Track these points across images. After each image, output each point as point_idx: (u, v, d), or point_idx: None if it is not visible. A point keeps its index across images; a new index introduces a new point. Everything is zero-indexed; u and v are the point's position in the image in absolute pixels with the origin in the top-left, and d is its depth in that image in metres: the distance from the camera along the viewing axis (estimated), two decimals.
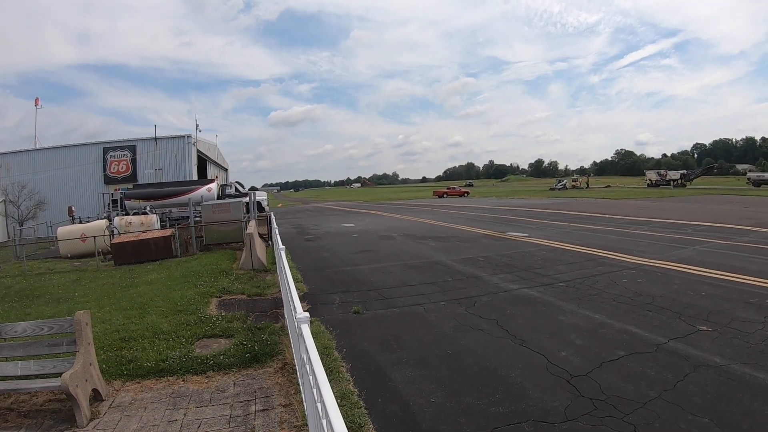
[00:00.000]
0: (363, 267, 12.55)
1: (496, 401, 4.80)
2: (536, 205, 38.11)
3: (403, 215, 32.00)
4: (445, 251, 14.76)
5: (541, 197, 55.85)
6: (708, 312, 7.48)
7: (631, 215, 25.62)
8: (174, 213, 23.79)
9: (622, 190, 71.80)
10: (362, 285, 10.38)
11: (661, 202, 39.43)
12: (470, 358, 6.01)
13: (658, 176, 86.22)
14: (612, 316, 7.48)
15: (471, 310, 8.18)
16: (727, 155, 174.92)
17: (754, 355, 5.71)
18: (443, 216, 29.70)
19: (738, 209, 28.60)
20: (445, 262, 12.74)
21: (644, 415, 4.38)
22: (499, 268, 11.64)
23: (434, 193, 74.59)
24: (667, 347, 6.09)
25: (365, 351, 6.41)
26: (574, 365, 5.64)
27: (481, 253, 14.06)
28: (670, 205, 34.87)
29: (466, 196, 69.44)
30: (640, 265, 11.41)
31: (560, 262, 12.29)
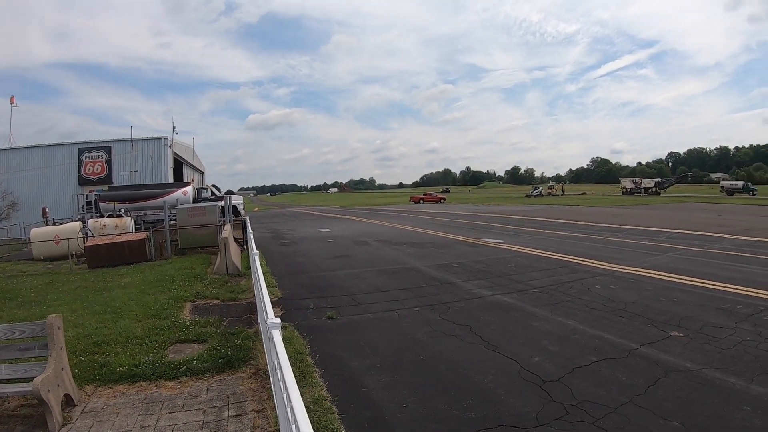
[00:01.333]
0: (338, 272, 12.73)
1: (469, 407, 4.93)
2: (512, 212, 38.94)
3: (379, 221, 32.54)
4: (419, 257, 15.06)
5: (517, 204, 57.12)
6: (679, 318, 7.82)
7: (606, 222, 26.45)
8: (149, 216, 23.98)
9: (598, 197, 73.90)
10: (337, 290, 10.55)
11: (635, 209, 40.72)
12: (443, 364, 6.16)
13: (632, 184, 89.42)
14: (585, 322, 7.75)
15: (445, 316, 8.37)
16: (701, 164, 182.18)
17: (724, 360, 6.00)
18: (419, 222, 30.26)
19: (711, 217, 29.81)
20: (420, 268, 13.00)
21: (615, 420, 4.55)
22: (473, 275, 11.93)
23: (411, 198, 76.12)
24: (638, 353, 6.35)
25: (339, 357, 6.52)
26: (547, 371, 5.83)
27: (455, 260, 14.38)
28: (645, 212, 36.05)
29: (442, 202, 70.97)
30: (613, 272, 11.82)
31: (534, 268, 12.64)
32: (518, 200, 69.93)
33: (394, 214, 41.16)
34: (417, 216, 36.85)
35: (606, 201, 59.22)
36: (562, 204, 54.23)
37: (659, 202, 53.80)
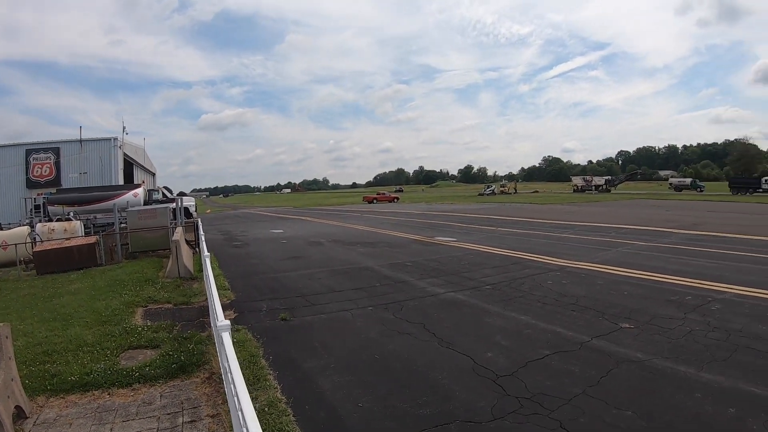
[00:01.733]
0: (291, 273, 12.69)
1: (424, 403, 4.97)
2: (465, 210, 39.59)
3: (333, 221, 32.62)
4: (373, 257, 15.16)
5: (470, 202, 58.06)
6: (630, 310, 8.09)
7: (557, 219, 27.21)
8: (99, 219, 23.62)
9: (549, 195, 75.92)
10: (290, 291, 10.52)
11: (586, 206, 42.00)
12: (397, 362, 6.20)
13: (583, 182, 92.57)
14: (537, 317, 7.92)
15: (398, 314, 8.42)
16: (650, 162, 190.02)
17: (674, 349, 6.24)
18: (372, 221, 30.45)
19: (660, 213, 31.01)
20: (373, 268, 13.09)
21: (569, 411, 4.66)
22: (426, 273, 12.06)
23: (364, 198, 76.53)
24: (590, 345, 6.53)
25: (293, 358, 6.49)
26: (500, 365, 5.92)
27: (409, 258, 14.53)
28: (595, 209, 37.22)
29: (395, 201, 71.63)
30: (564, 267, 12.16)
31: (487, 265, 12.86)
32: (471, 199, 70.98)
33: (348, 214, 41.29)
34: (370, 216, 37.11)
35: (557, 199, 60.86)
36: (515, 202, 55.51)
37: (610, 199, 55.63)
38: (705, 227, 21.14)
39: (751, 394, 4.98)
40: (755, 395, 4.94)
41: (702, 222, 23.78)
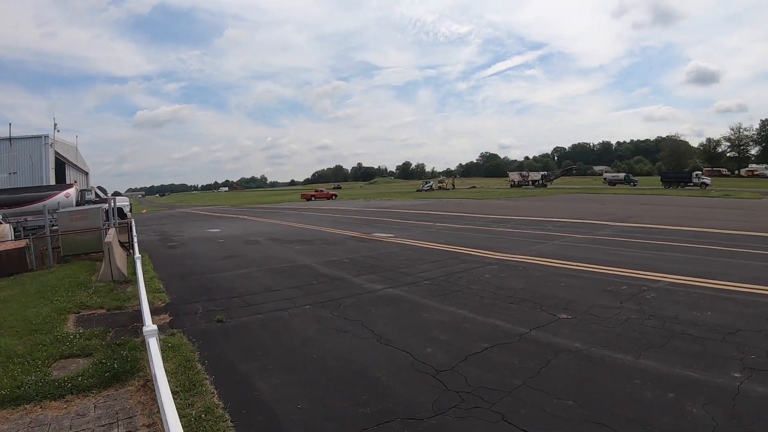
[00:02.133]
0: (227, 273, 12.51)
1: (364, 402, 4.93)
2: (403, 207, 40.00)
3: (270, 219, 32.51)
4: (310, 254, 15.10)
5: (408, 198, 58.64)
6: (567, 301, 8.32)
7: (495, 214, 27.84)
8: (29, 222, 22.53)
9: (487, 190, 77.63)
10: (226, 292, 10.35)
11: (523, 201, 43.21)
12: (336, 361, 6.14)
13: (520, 177, 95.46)
14: (475, 311, 8.02)
15: (336, 312, 8.38)
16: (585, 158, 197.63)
17: (611, 338, 6.44)
18: (310, 219, 30.46)
19: (595, 206, 32.24)
20: (311, 265, 13.02)
21: (511, 403, 4.71)
22: (364, 270, 12.06)
23: (302, 196, 76.46)
24: (529, 336, 6.65)
25: (229, 361, 6.35)
26: (440, 360, 5.94)
27: (346, 255, 14.52)
28: (532, 203, 38.29)
29: (334, 198, 71.81)
30: (502, 261, 12.38)
31: (425, 261, 12.96)
32: (409, 195, 71.68)
33: (286, 211, 41.15)
34: (308, 213, 37.12)
35: (495, 194, 62.21)
36: (453, 197, 56.35)
37: (546, 194, 57.47)
38: (638, 220, 22.08)
39: (688, 378, 5.17)
40: (693, 379, 5.14)
41: (635, 215, 24.86)
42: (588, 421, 4.39)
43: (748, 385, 4.98)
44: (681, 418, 4.38)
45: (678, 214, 24.92)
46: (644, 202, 36.99)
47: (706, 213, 26.09)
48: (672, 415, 4.45)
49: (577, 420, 4.41)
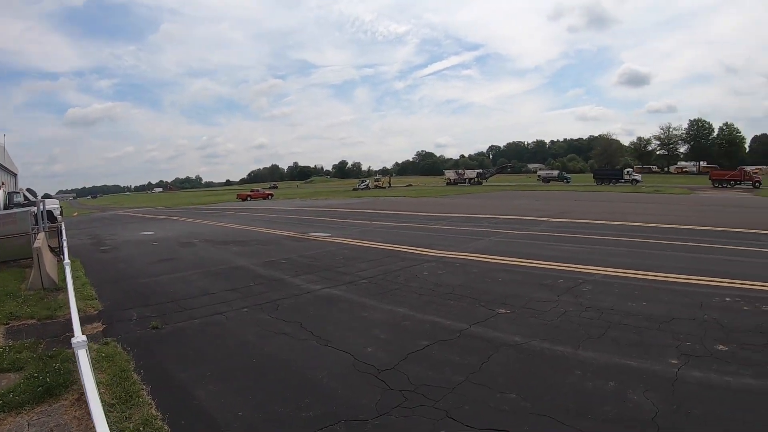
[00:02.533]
0: (162, 277, 12.19)
1: (306, 406, 4.86)
2: (339, 205, 40.10)
3: (206, 220, 32.08)
4: (246, 255, 14.90)
5: (345, 197, 58.97)
6: (505, 296, 8.49)
7: (431, 212, 28.25)
8: None
9: (423, 188, 78.61)
10: (161, 297, 10.06)
11: (459, 198, 44.00)
12: (276, 365, 6.05)
13: (456, 175, 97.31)
14: (414, 308, 8.06)
15: (274, 314, 8.26)
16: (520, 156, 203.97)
17: (550, 331, 6.60)
18: (246, 219, 30.24)
19: (530, 203, 33.19)
20: (247, 267, 12.85)
21: (454, 400, 4.75)
22: (301, 270, 11.97)
23: (238, 196, 75.90)
24: (469, 332, 6.73)
25: (166, 369, 6.16)
26: (381, 360, 5.93)
27: (283, 256, 14.39)
28: (468, 201, 39.06)
29: (270, 198, 71.62)
30: (439, 258, 12.54)
31: (362, 259, 12.98)
32: (346, 194, 72.06)
33: (221, 212, 40.65)
34: (244, 213, 36.80)
35: (431, 192, 63.08)
36: (389, 196, 56.96)
37: (482, 191, 58.60)
38: (572, 215, 22.93)
39: (627, 367, 5.37)
40: (632, 368, 5.34)
41: (569, 210, 25.78)
42: (532, 413, 4.46)
43: (685, 371, 5.20)
44: (622, 406, 4.52)
45: (610, 210, 25.99)
46: (577, 198, 38.46)
47: (637, 208, 27.37)
48: (613, 403, 4.58)
49: (521, 413, 4.48)
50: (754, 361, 5.43)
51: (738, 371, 5.17)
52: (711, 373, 5.16)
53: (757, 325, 6.58)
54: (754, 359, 5.47)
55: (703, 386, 4.87)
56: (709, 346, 5.90)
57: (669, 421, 4.24)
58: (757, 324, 6.61)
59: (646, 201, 33.94)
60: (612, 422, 4.28)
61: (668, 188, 52.64)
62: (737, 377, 5.04)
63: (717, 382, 4.94)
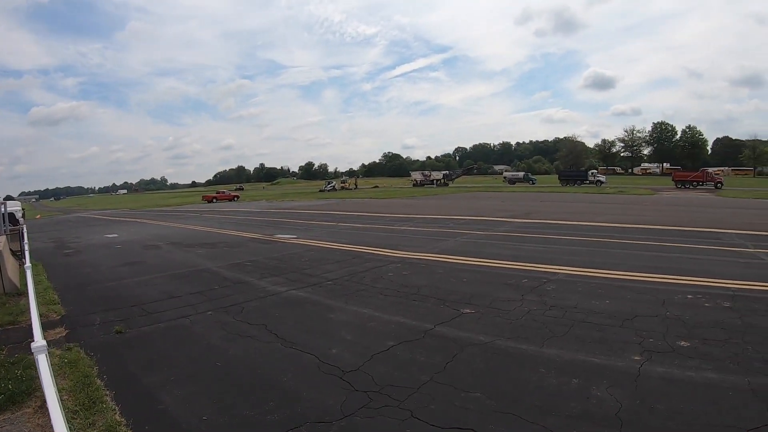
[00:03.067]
0: (127, 281, 12.01)
1: (271, 409, 4.83)
2: (306, 207, 40.13)
3: (171, 222, 31.80)
4: (212, 258, 14.79)
5: (311, 199, 59.03)
6: (470, 296, 8.56)
7: (398, 213, 28.39)
8: None
9: (390, 190, 78.96)
10: (126, 301, 9.91)
11: (425, 199, 44.28)
12: (241, 368, 6.00)
13: (422, 176, 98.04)
14: (380, 309, 8.08)
15: (239, 317, 8.21)
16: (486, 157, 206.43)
17: (515, 329, 6.67)
18: (212, 221, 30.07)
19: (496, 204, 33.59)
20: (213, 269, 12.76)
21: (419, 400, 4.76)
22: (267, 272, 11.92)
23: (203, 197, 75.90)
24: (434, 332, 6.76)
25: (130, 374, 6.07)
26: (346, 361, 5.92)
27: (249, 258, 14.31)
28: (434, 202, 39.38)
29: (236, 200, 71.69)
30: (405, 259, 12.59)
31: (328, 261, 12.95)
32: (312, 195, 72.01)
33: (187, 214, 40.40)
34: (209, 215, 36.63)
35: (398, 193, 63.33)
36: (356, 197, 57.14)
37: (448, 193, 59.34)
38: (537, 216, 23.27)
39: (591, 363, 5.46)
40: (595, 364, 5.43)
41: (534, 211, 26.17)
42: (497, 411, 4.49)
43: (648, 366, 5.31)
44: (586, 402, 4.59)
45: (574, 210, 26.45)
46: (542, 199, 39.08)
47: (600, 208, 27.89)
48: (578, 400, 4.64)
49: (486, 411, 4.50)
50: (716, 355, 5.57)
51: (700, 366, 5.30)
52: (673, 368, 5.27)
53: (718, 320, 6.76)
54: (715, 354, 5.61)
55: (665, 381, 4.97)
56: (671, 342, 6.03)
57: (632, 416, 4.32)
58: (718, 320, 6.79)
59: (609, 201, 34.65)
60: (576, 418, 4.33)
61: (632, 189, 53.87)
62: (699, 372, 5.16)
63: (679, 377, 5.05)
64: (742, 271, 9.87)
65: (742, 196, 41.21)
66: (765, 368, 5.19)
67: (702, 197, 40.60)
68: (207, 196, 75.24)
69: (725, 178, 75.09)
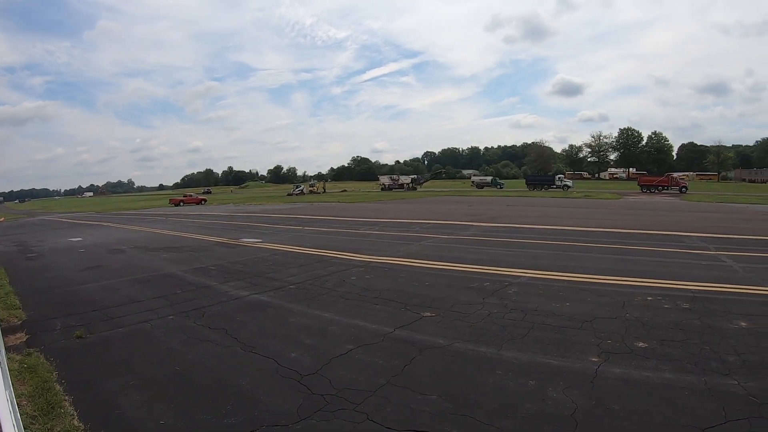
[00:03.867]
0: (90, 285, 11.82)
1: (229, 413, 4.82)
2: (273, 211, 39.83)
3: (137, 226, 31.32)
4: (176, 262, 14.63)
5: (279, 203, 58.84)
6: (432, 299, 8.61)
7: (364, 217, 28.50)
8: None
9: (358, 194, 79.28)
10: (88, 305, 9.75)
11: (392, 204, 44.48)
12: (200, 372, 5.96)
13: (390, 180, 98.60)
14: (341, 313, 8.07)
15: (200, 321, 8.14)
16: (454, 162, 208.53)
17: (474, 332, 6.72)
18: (178, 225, 29.69)
19: (463, 208, 33.89)
20: (176, 274, 12.61)
21: (375, 403, 4.77)
22: (230, 276, 11.84)
23: (170, 201, 74.85)
24: (393, 336, 6.79)
25: (90, 379, 5.99)
26: (305, 365, 5.90)
27: (213, 262, 14.19)
28: (401, 206, 39.57)
29: (203, 203, 71.14)
30: (368, 263, 12.62)
31: (292, 265, 12.92)
32: (280, 199, 71.90)
33: (153, 217, 39.86)
34: (176, 219, 36.15)
35: (365, 197, 63.63)
36: (324, 201, 57.11)
37: (416, 197, 59.65)
38: (503, 220, 23.57)
39: (548, 365, 5.53)
40: (552, 366, 5.51)
41: (500, 215, 26.50)
42: (453, 413, 4.52)
43: (605, 367, 5.40)
44: (543, 404, 4.64)
45: (540, 214, 26.84)
46: (509, 203, 39.54)
47: (566, 212, 28.38)
48: (534, 401, 4.69)
49: (442, 413, 4.52)
50: (674, 356, 5.69)
51: (657, 366, 5.41)
52: (631, 369, 5.37)
53: (677, 322, 6.92)
54: (673, 354, 5.73)
55: (622, 382, 5.05)
56: (629, 343, 6.14)
57: (588, 417, 4.38)
58: (677, 321, 6.96)
59: (575, 206, 35.24)
60: (531, 419, 4.38)
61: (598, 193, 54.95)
62: (656, 372, 5.27)
63: (636, 378, 5.14)
64: (703, 273, 10.14)
65: (706, 200, 42.30)
66: (722, 368, 5.31)
67: (667, 201, 41.61)
68: (174, 200, 74.47)
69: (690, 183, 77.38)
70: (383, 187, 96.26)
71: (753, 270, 10.50)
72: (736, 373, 5.16)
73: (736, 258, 11.97)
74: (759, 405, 4.48)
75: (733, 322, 6.88)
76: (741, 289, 8.80)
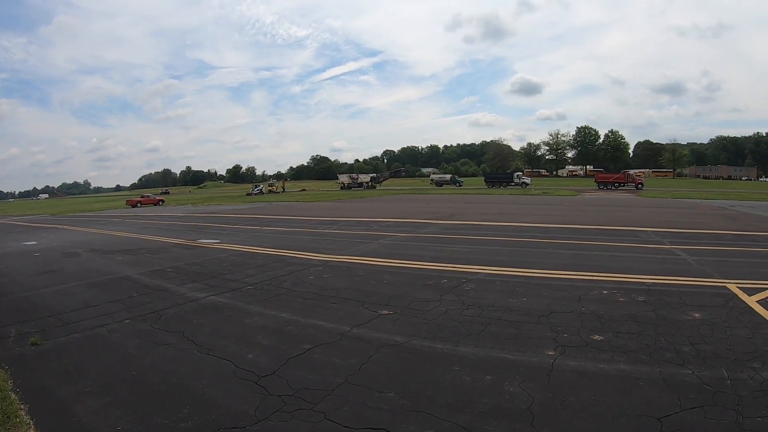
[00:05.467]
0: (44, 290, 11.53)
1: (186, 416, 4.77)
2: (231, 211, 39.51)
3: (93, 228, 30.67)
4: (133, 265, 14.37)
5: (238, 203, 58.41)
6: (389, 297, 8.65)
7: (323, 216, 28.42)
8: None
9: (317, 192, 79.16)
10: (42, 311, 9.51)
11: (352, 202, 44.50)
12: (156, 376, 5.89)
13: (350, 179, 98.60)
14: (298, 313, 8.05)
15: (156, 325, 8.04)
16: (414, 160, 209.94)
17: (431, 329, 6.78)
18: (135, 227, 29.18)
19: (421, 206, 34.21)
20: (132, 277, 12.40)
21: (333, 402, 4.78)
22: (188, 278, 11.70)
23: (127, 202, 73.28)
24: (350, 334, 6.81)
25: (45, 387, 5.87)
26: (262, 366, 5.88)
27: (170, 264, 13.99)
28: (360, 205, 39.65)
29: (161, 204, 69.99)
30: (326, 262, 12.61)
31: (250, 265, 12.82)
32: (239, 199, 71.37)
33: (110, 219, 39.02)
34: (133, 220, 35.47)
35: (325, 196, 63.49)
36: (282, 201, 56.82)
37: (375, 195, 59.80)
38: (461, 217, 23.81)
39: (504, 360, 5.62)
40: (508, 360, 5.60)
41: (459, 213, 26.75)
42: (410, 410, 4.55)
43: (561, 361, 5.52)
44: (499, 398, 4.72)
45: (498, 211, 27.23)
46: (468, 201, 39.94)
47: (525, 209, 28.86)
48: (491, 395, 4.76)
49: (399, 410, 4.56)
50: (629, 348, 5.85)
51: (613, 358, 5.55)
52: (587, 361, 5.50)
53: (631, 314, 7.12)
54: (628, 346, 5.89)
55: (578, 374, 5.17)
56: (585, 336, 6.29)
57: (544, 410, 4.46)
58: (631, 313, 7.16)
59: (534, 203, 35.86)
60: (488, 414, 4.44)
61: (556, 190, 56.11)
62: (612, 364, 5.41)
63: (592, 370, 5.27)
64: (658, 267, 10.46)
65: (661, 196, 43.72)
66: (676, 358, 5.48)
67: (623, 197, 42.74)
68: (131, 201, 72.86)
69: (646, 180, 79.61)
70: (343, 186, 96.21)
71: (706, 262, 10.85)
72: (691, 363, 5.33)
73: (690, 251, 12.37)
74: (713, 393, 4.63)
75: (688, 314, 7.10)
76: (695, 282, 9.12)
